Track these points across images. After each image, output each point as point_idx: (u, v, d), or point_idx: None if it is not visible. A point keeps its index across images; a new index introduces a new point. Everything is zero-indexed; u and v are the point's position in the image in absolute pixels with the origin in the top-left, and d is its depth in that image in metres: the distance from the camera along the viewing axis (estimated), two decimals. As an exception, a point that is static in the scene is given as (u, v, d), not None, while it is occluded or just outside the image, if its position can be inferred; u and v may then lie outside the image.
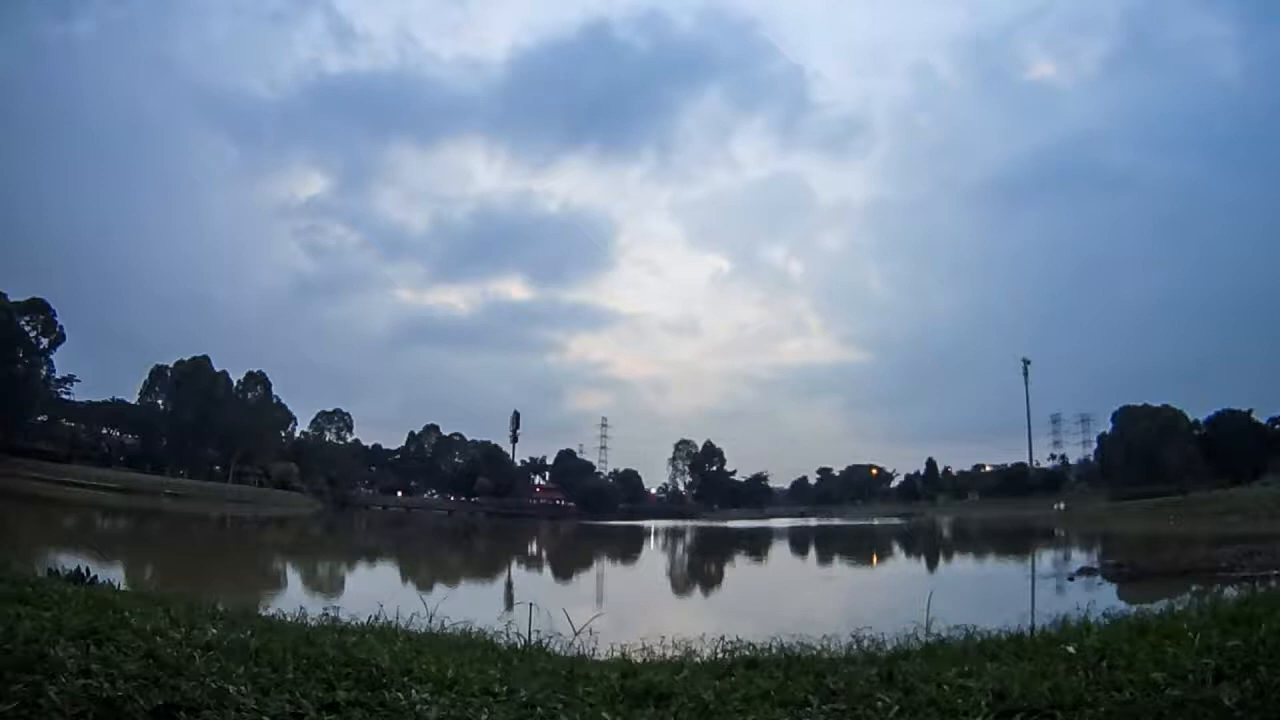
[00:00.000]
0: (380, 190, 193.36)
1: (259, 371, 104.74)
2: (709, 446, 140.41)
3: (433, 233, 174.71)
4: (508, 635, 7.93)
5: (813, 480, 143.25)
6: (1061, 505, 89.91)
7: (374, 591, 12.29)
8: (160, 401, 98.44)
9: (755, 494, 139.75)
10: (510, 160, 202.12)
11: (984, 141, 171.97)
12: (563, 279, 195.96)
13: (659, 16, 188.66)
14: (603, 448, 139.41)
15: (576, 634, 7.75)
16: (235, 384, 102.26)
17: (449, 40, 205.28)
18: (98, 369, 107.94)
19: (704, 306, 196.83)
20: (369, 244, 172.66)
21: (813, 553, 50.00)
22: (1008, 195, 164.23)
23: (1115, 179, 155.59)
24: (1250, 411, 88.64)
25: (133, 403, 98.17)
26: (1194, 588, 11.85)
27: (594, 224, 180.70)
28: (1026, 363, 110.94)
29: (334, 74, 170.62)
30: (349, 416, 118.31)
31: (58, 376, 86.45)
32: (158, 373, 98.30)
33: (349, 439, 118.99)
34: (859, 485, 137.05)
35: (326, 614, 8.40)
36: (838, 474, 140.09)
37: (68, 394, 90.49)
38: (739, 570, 39.78)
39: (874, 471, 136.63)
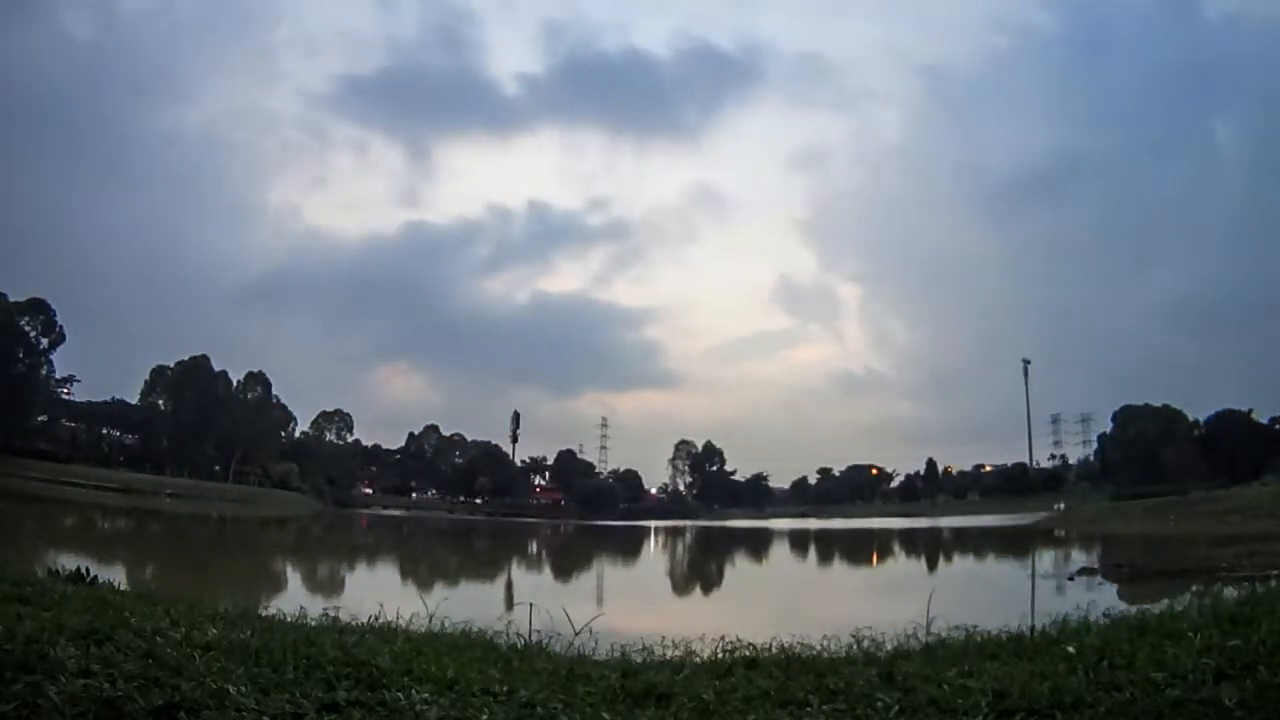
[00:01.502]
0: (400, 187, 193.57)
1: (259, 371, 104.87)
2: (709, 446, 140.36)
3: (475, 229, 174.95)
4: (508, 635, 7.93)
5: (813, 480, 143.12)
6: (1061, 505, 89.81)
7: (374, 592, 12.30)
8: (160, 401, 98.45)
9: (755, 494, 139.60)
10: (559, 160, 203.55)
11: (986, 141, 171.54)
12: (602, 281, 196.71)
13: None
14: (603, 448, 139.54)
15: (577, 634, 7.75)
16: (235, 384, 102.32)
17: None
18: (98, 369, 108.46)
19: (707, 308, 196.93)
20: (383, 243, 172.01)
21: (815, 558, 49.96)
22: (1009, 194, 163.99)
23: (1116, 179, 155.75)
24: (1250, 411, 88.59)
25: (133, 403, 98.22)
26: (1194, 588, 11.84)
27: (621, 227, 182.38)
28: (1026, 363, 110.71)
29: (365, 74, 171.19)
30: (349, 417, 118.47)
31: (58, 376, 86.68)
32: (158, 373, 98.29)
33: (349, 439, 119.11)
34: (859, 485, 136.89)
35: (326, 614, 8.40)
36: (838, 474, 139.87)
37: (68, 394, 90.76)
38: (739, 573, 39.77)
39: (874, 471, 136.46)
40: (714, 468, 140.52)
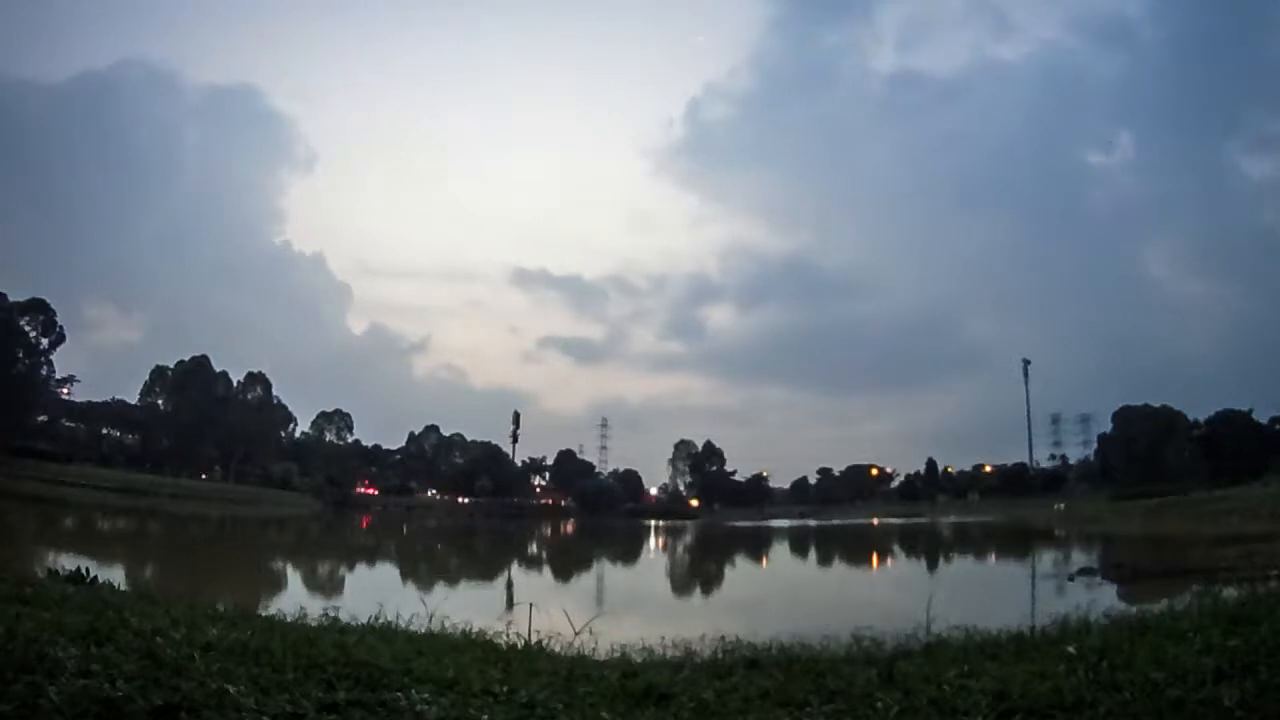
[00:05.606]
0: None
1: (259, 372, 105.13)
2: (709, 446, 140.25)
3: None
4: (508, 635, 7.94)
5: (813, 480, 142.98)
6: (1061, 506, 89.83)
7: (374, 592, 12.30)
8: (161, 401, 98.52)
9: (755, 494, 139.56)
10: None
11: (982, 135, 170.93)
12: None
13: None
14: (603, 448, 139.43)
15: (577, 634, 7.76)
16: (236, 384, 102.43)
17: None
18: (98, 369, 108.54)
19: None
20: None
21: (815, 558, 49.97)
22: (1007, 189, 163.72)
23: (1115, 179, 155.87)
24: (1250, 411, 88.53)
25: (133, 403, 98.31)
26: (1194, 588, 11.84)
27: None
28: (1026, 363, 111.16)
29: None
30: (349, 417, 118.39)
31: (58, 376, 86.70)
32: (158, 373, 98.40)
33: (349, 439, 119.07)
34: (859, 485, 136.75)
35: (326, 614, 8.41)
36: (838, 474, 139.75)
37: (68, 394, 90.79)
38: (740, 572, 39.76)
39: (874, 471, 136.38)
40: (714, 468, 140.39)
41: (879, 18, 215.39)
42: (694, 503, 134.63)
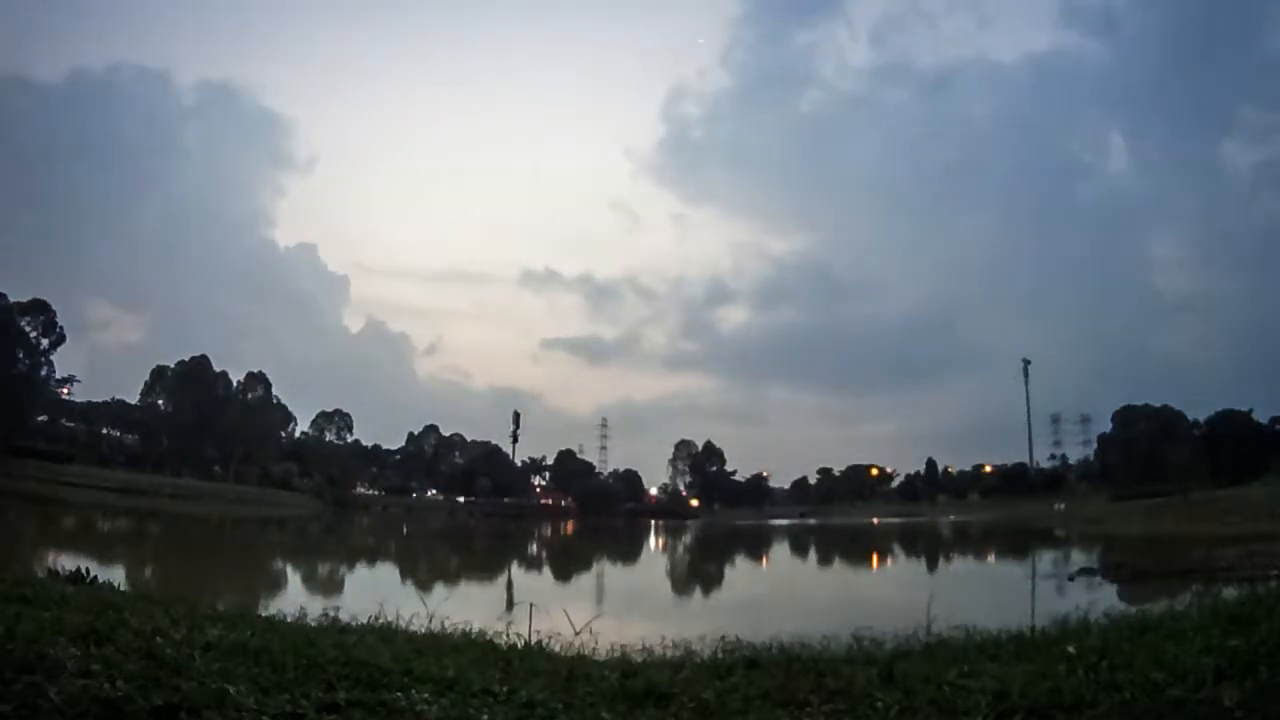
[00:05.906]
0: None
1: (259, 372, 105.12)
2: (709, 447, 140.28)
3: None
4: (508, 635, 7.94)
5: (813, 480, 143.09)
6: (1061, 505, 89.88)
7: (374, 592, 12.31)
8: (161, 401, 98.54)
9: (755, 494, 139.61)
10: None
11: (975, 133, 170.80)
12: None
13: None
14: (603, 448, 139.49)
15: (577, 634, 7.77)
16: (236, 384, 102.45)
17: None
18: (98, 369, 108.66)
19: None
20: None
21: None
22: (1004, 188, 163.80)
23: (1113, 177, 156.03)
24: (1250, 411, 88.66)
25: (133, 403, 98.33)
26: (1194, 588, 11.84)
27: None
28: (1027, 363, 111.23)
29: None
30: (349, 417, 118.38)
31: (58, 377, 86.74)
32: (158, 373, 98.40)
33: (349, 439, 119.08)
34: (859, 485, 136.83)
35: (327, 614, 8.42)
36: (838, 474, 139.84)
37: (68, 394, 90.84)
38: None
39: (874, 471, 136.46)
40: (714, 468, 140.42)
41: (853, 12, 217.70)
42: (694, 503, 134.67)
